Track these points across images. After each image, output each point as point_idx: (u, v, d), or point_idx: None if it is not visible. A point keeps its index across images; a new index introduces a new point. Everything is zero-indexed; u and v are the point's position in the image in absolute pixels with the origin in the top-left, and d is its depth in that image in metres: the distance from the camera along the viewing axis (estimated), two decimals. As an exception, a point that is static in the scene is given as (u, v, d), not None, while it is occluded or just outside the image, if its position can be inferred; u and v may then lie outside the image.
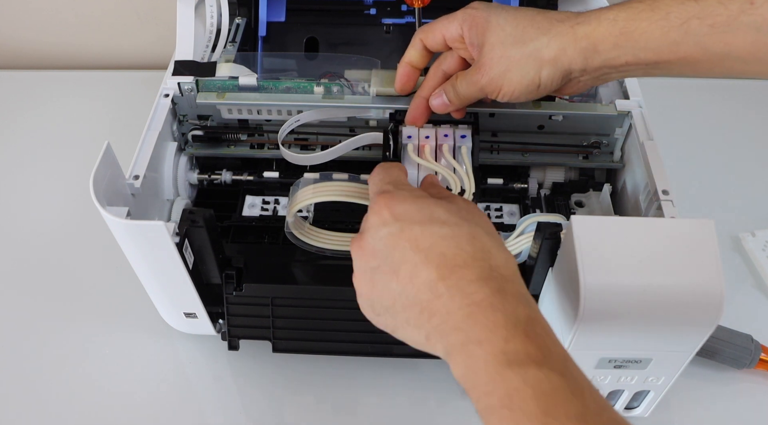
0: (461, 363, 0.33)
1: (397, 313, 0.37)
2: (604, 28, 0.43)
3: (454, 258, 0.35)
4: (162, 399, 0.55)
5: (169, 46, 0.59)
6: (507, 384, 0.31)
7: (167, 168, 0.57)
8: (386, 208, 0.38)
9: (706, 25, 0.40)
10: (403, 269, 0.36)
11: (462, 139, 0.53)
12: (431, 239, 0.36)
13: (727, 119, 0.80)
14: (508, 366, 0.31)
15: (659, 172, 0.51)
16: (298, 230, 0.51)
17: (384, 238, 0.37)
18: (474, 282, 0.34)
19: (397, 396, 0.55)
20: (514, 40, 0.45)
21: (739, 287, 0.63)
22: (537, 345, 0.32)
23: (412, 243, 0.36)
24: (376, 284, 0.38)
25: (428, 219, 0.37)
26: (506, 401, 0.30)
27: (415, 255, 0.36)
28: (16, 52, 0.91)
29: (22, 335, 0.60)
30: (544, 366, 0.31)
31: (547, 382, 0.30)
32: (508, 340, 0.32)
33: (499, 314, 0.33)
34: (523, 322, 0.33)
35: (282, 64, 0.61)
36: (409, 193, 0.39)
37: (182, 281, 0.48)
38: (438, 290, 0.35)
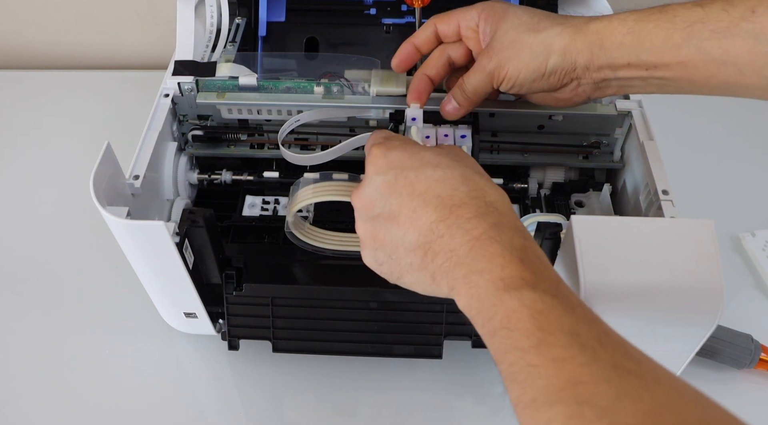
0: (465, 294, 0.35)
1: (400, 259, 0.38)
2: (614, 25, 0.44)
3: (450, 198, 0.37)
4: (162, 399, 0.55)
5: (169, 46, 0.59)
6: (505, 306, 0.33)
7: (167, 168, 0.57)
8: (380, 157, 0.40)
9: (708, 30, 0.41)
10: (403, 214, 0.38)
11: (462, 138, 0.53)
12: (426, 183, 0.38)
13: (727, 119, 0.79)
14: (505, 291, 0.33)
15: (659, 172, 0.51)
16: (298, 230, 0.51)
17: (380, 186, 0.39)
18: (472, 218, 0.36)
19: (397, 396, 0.55)
20: (528, 27, 0.46)
21: (739, 287, 0.63)
22: (531, 270, 0.34)
23: (408, 189, 0.38)
24: (377, 233, 0.39)
25: (421, 164, 0.39)
26: (505, 322, 0.32)
27: (413, 200, 0.38)
28: (16, 52, 0.91)
29: (21, 335, 0.60)
30: (538, 289, 0.33)
31: (541, 302, 0.32)
32: (504, 267, 0.34)
33: (497, 245, 0.35)
34: (519, 250, 0.35)
35: (282, 64, 0.61)
36: (400, 141, 0.41)
37: (182, 281, 0.48)
38: (439, 230, 0.36)
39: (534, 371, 0.30)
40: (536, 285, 0.33)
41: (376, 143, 0.41)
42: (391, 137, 0.42)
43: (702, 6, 0.41)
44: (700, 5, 0.42)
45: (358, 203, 0.41)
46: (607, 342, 0.31)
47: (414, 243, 0.37)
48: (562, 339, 0.31)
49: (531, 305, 0.32)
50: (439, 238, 0.36)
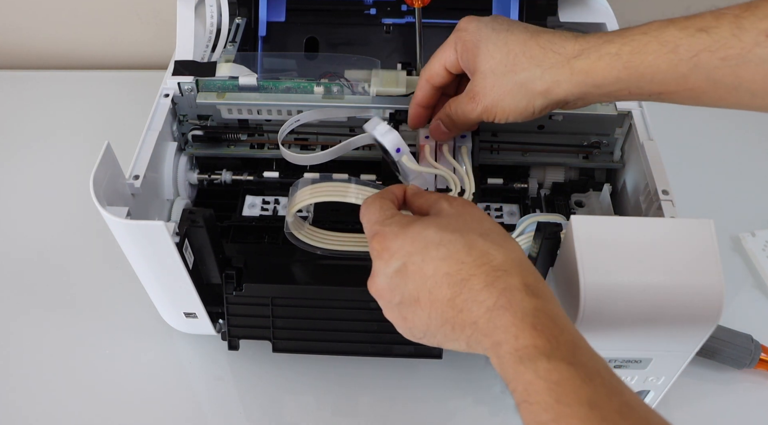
0: (496, 364, 0.35)
1: (434, 334, 0.39)
2: (606, 63, 0.41)
3: (458, 273, 0.37)
4: (162, 399, 0.55)
5: (169, 46, 0.59)
6: (523, 379, 0.32)
7: (167, 168, 0.57)
8: (384, 250, 0.39)
9: (717, 58, 0.38)
10: (422, 297, 0.38)
11: (462, 138, 0.53)
12: (433, 264, 0.37)
13: (727, 119, 0.79)
14: (521, 363, 0.33)
15: (659, 172, 0.51)
16: (297, 230, 0.51)
17: (393, 277, 0.39)
18: (483, 290, 0.36)
19: (397, 396, 0.55)
20: (505, 69, 0.44)
21: (739, 287, 0.63)
22: (545, 336, 0.33)
23: (419, 274, 0.38)
24: (406, 316, 0.39)
25: (423, 247, 0.38)
26: (525, 395, 0.32)
27: (426, 282, 0.38)
28: (16, 52, 0.91)
29: (21, 335, 0.60)
30: (553, 357, 0.32)
31: (557, 372, 0.32)
32: (518, 337, 0.33)
33: (508, 314, 0.34)
34: (530, 315, 0.34)
35: (282, 64, 0.61)
36: (397, 226, 0.40)
37: (182, 281, 0.48)
38: (458, 306, 0.36)
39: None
40: (551, 354, 0.32)
41: (374, 234, 0.41)
42: (385, 222, 0.41)
43: (707, 32, 0.38)
44: (705, 31, 0.38)
45: (377, 294, 0.41)
46: (628, 415, 0.30)
47: (441, 320, 0.38)
48: (580, 412, 0.30)
49: (547, 376, 0.32)
50: (459, 313, 0.36)
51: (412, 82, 0.56)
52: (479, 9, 0.63)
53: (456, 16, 0.63)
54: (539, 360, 0.32)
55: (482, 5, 0.63)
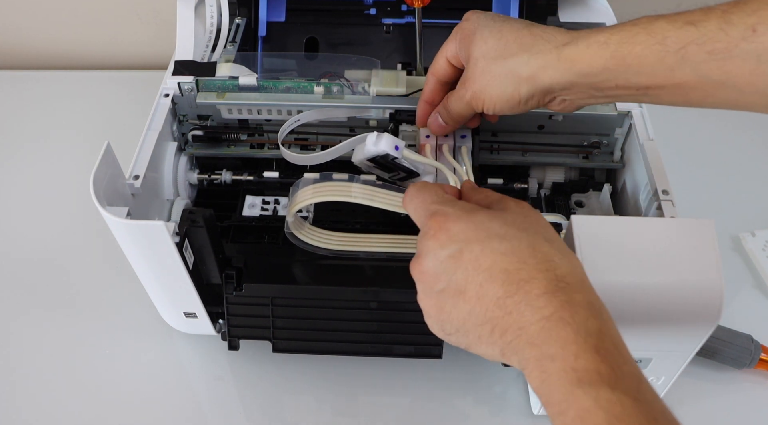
0: (537, 378, 0.33)
1: (468, 332, 0.36)
2: (594, 50, 0.41)
3: (517, 272, 0.35)
4: (162, 399, 0.55)
5: (169, 46, 0.59)
6: (578, 404, 0.30)
7: (167, 168, 0.57)
8: (442, 231, 0.37)
9: (704, 52, 0.38)
10: (469, 289, 0.36)
11: (462, 138, 0.53)
12: (492, 256, 0.35)
13: (727, 119, 0.79)
14: (578, 386, 0.31)
15: (659, 172, 0.51)
16: (298, 230, 0.51)
17: (445, 261, 0.37)
18: (541, 296, 0.34)
19: (397, 396, 0.55)
20: (495, 53, 0.44)
21: (739, 287, 0.63)
22: (608, 363, 0.31)
23: (473, 264, 0.36)
24: (443, 306, 0.37)
25: (486, 236, 0.36)
26: (578, 422, 0.30)
27: (479, 275, 0.35)
28: (16, 52, 0.91)
29: (21, 335, 0.60)
30: (617, 389, 0.30)
31: (619, 406, 0.30)
32: (578, 357, 0.31)
33: (569, 328, 0.32)
34: (594, 336, 0.32)
35: (282, 64, 0.61)
36: (461, 210, 0.38)
37: (182, 281, 0.48)
38: (507, 307, 0.34)
39: None
40: (615, 385, 0.30)
41: (432, 213, 0.39)
42: (446, 203, 0.39)
43: (695, 25, 0.38)
44: (693, 24, 0.38)
45: (420, 277, 0.38)
46: None
47: (482, 319, 0.35)
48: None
49: (608, 408, 0.29)
50: (507, 315, 0.34)
51: (412, 82, 0.56)
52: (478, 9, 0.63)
53: (456, 16, 0.63)
54: (601, 388, 0.30)
55: (482, 5, 0.63)
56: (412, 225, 0.53)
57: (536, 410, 0.52)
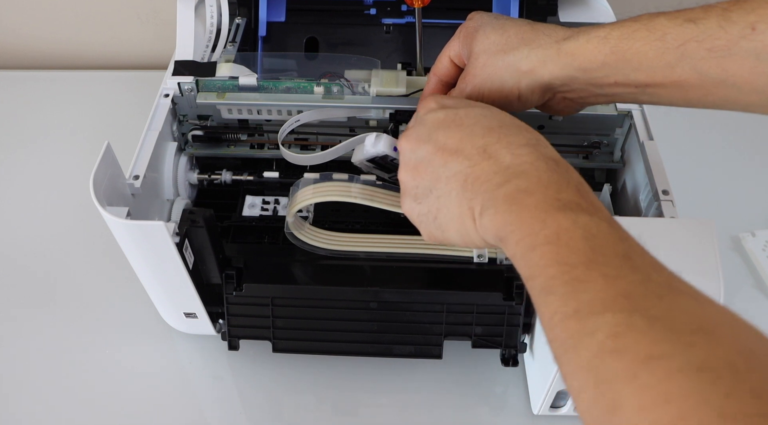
0: (503, 211, 0.34)
1: (440, 191, 0.38)
2: (593, 45, 0.41)
3: (499, 129, 0.38)
4: (162, 399, 0.55)
5: (169, 46, 0.59)
6: (557, 224, 0.32)
7: (167, 168, 0.57)
8: (433, 100, 0.41)
9: (704, 49, 0.38)
10: (448, 144, 0.38)
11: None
12: (475, 117, 0.39)
13: (727, 119, 0.79)
14: (560, 210, 0.33)
15: (659, 172, 0.51)
16: (297, 230, 0.51)
17: (429, 122, 0.40)
18: (523, 146, 0.36)
19: (397, 396, 0.55)
20: (497, 48, 0.45)
21: (739, 287, 0.63)
22: (588, 200, 0.34)
23: (457, 122, 0.39)
24: (419, 169, 0.39)
25: (471, 105, 0.40)
26: (553, 238, 0.32)
27: (461, 130, 0.38)
28: (16, 52, 0.91)
29: (21, 335, 0.60)
30: (595, 216, 0.32)
31: (596, 227, 0.32)
32: (561, 191, 0.34)
33: (552, 172, 0.35)
34: (575, 182, 0.35)
35: (282, 64, 0.61)
36: (458, 98, 0.42)
37: (182, 281, 0.48)
38: (486, 154, 0.36)
39: (580, 285, 0.29)
40: (593, 213, 0.33)
41: (430, 96, 0.43)
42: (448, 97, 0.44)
43: (695, 22, 0.38)
44: (693, 21, 0.38)
45: (404, 143, 0.41)
46: (660, 269, 0.30)
47: (455, 169, 0.37)
48: (614, 260, 0.30)
49: (585, 227, 0.32)
50: (483, 161, 0.36)
51: (412, 82, 0.56)
52: (479, 9, 0.63)
53: (456, 16, 0.63)
54: (581, 214, 0.32)
55: (482, 5, 0.63)
56: (412, 225, 0.53)
57: (536, 410, 0.52)
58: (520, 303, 0.50)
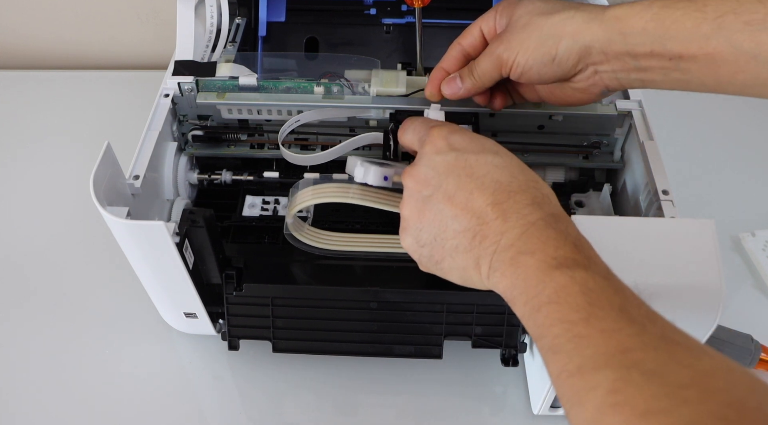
0: (510, 274, 0.35)
1: (445, 241, 0.38)
2: (636, 11, 0.42)
3: (508, 184, 0.37)
4: (162, 399, 0.55)
5: (169, 46, 0.59)
6: (555, 282, 0.33)
7: (167, 168, 0.57)
8: (441, 138, 0.40)
9: (741, 22, 0.39)
10: (458, 195, 0.38)
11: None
12: (486, 167, 0.38)
13: (727, 119, 0.80)
14: (557, 268, 0.33)
15: (659, 172, 0.51)
16: (297, 231, 0.51)
17: (439, 166, 0.39)
18: (528, 205, 0.37)
19: (397, 396, 0.55)
20: (541, 11, 0.45)
21: (739, 287, 0.63)
22: (584, 255, 0.34)
23: (467, 171, 0.38)
24: (425, 212, 0.39)
25: (482, 149, 0.39)
26: (554, 297, 0.33)
27: (471, 182, 0.38)
28: (16, 52, 0.91)
29: (22, 335, 0.60)
30: (590, 270, 0.33)
31: (593, 281, 0.33)
32: (558, 248, 0.34)
33: (551, 230, 0.35)
34: (573, 237, 0.35)
35: (282, 64, 0.61)
36: (458, 126, 0.41)
37: (182, 281, 0.48)
38: (493, 213, 0.37)
39: (582, 341, 0.30)
40: (588, 267, 0.33)
41: (435, 125, 0.41)
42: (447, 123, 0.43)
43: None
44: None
45: (410, 182, 0.40)
46: (655, 320, 0.31)
47: (465, 226, 0.37)
48: (611, 313, 0.31)
49: (582, 283, 0.32)
50: (492, 221, 0.37)
51: (412, 82, 0.56)
52: (479, 9, 0.63)
53: (456, 16, 0.63)
54: (577, 269, 0.33)
55: (482, 5, 0.63)
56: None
57: (536, 410, 0.52)
58: (520, 303, 0.50)
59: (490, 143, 0.40)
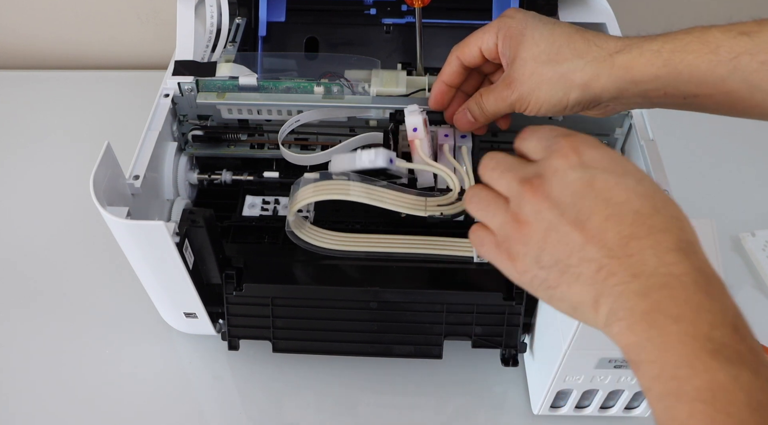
0: (640, 331, 0.30)
1: (569, 268, 0.33)
2: (646, 58, 0.41)
3: (650, 218, 0.32)
4: (162, 399, 0.55)
5: (169, 46, 0.59)
6: (711, 376, 0.27)
7: (167, 168, 0.57)
8: (574, 152, 0.34)
9: (757, 62, 0.39)
10: (592, 221, 0.32)
11: (462, 138, 0.53)
12: (626, 194, 0.33)
13: (727, 119, 0.79)
14: (713, 357, 0.28)
15: (659, 172, 0.51)
16: (298, 229, 0.51)
17: (572, 184, 0.33)
18: (673, 251, 0.31)
19: (397, 396, 0.55)
20: (547, 57, 0.44)
21: (739, 287, 0.63)
22: (749, 346, 0.28)
23: (605, 194, 0.33)
24: (551, 234, 0.33)
25: (623, 172, 0.33)
26: (707, 395, 0.27)
27: (608, 208, 0.32)
28: (16, 52, 0.91)
29: (22, 335, 0.60)
30: (761, 376, 0.27)
31: (764, 393, 0.27)
32: (715, 327, 0.28)
33: (704, 295, 0.29)
34: (732, 315, 0.29)
35: (282, 64, 0.61)
36: (590, 138, 0.35)
37: (182, 281, 0.48)
38: (629, 248, 0.31)
39: None
40: (757, 370, 0.27)
41: (564, 134, 0.36)
42: (580, 133, 0.36)
43: (749, 36, 0.39)
44: (747, 35, 0.39)
45: (537, 199, 0.34)
46: None
47: (593, 255, 0.32)
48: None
49: (749, 390, 0.27)
50: (626, 257, 0.31)
51: (412, 82, 0.56)
52: (479, 9, 0.63)
53: (456, 16, 0.63)
54: (743, 368, 0.27)
55: (482, 5, 0.63)
56: (412, 225, 0.53)
57: (536, 410, 0.52)
58: (520, 303, 0.50)
59: (631, 166, 0.34)
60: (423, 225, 0.52)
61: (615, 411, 0.51)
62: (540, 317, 0.50)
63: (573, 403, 0.50)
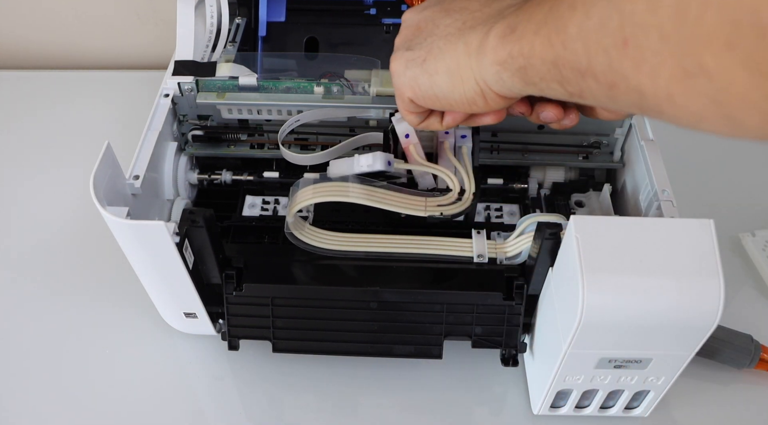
0: (510, 15, 0.35)
1: (436, 35, 0.40)
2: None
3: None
4: (162, 399, 0.55)
5: (169, 46, 0.59)
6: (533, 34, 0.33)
7: (167, 168, 0.57)
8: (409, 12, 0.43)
9: None
10: (456, 3, 0.40)
11: (462, 138, 0.53)
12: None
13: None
14: (534, 33, 0.33)
15: (659, 172, 0.51)
16: (297, 230, 0.51)
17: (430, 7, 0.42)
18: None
19: (397, 397, 0.55)
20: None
21: (739, 287, 0.63)
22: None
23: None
24: (421, 26, 0.41)
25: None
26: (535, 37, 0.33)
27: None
28: (16, 52, 0.91)
29: (21, 335, 0.60)
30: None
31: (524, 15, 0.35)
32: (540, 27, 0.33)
33: (536, 7, 0.34)
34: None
35: (282, 64, 0.61)
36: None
37: (182, 281, 0.48)
38: (488, 5, 0.38)
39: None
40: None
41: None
42: None
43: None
44: None
45: (410, 12, 0.42)
46: None
47: (456, 18, 0.39)
48: None
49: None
50: (486, 8, 0.38)
51: (412, 82, 0.56)
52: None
53: (456, 16, 0.63)
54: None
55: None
56: (412, 225, 0.53)
57: (536, 410, 0.52)
58: (520, 303, 0.50)
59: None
60: (423, 226, 0.52)
61: (615, 411, 0.51)
62: (540, 317, 0.50)
63: (573, 403, 0.50)
